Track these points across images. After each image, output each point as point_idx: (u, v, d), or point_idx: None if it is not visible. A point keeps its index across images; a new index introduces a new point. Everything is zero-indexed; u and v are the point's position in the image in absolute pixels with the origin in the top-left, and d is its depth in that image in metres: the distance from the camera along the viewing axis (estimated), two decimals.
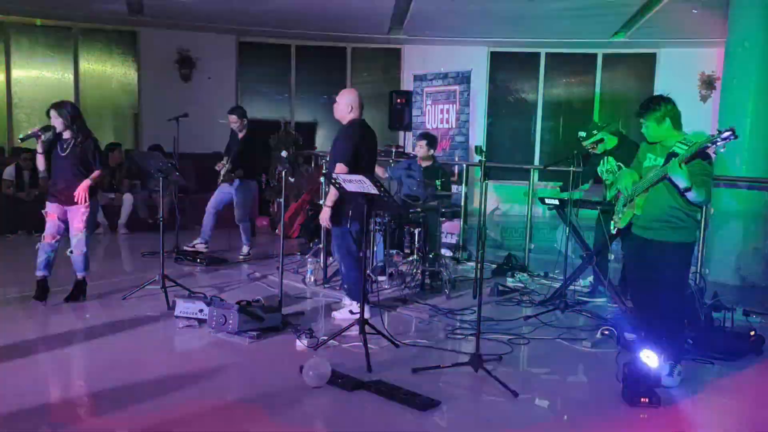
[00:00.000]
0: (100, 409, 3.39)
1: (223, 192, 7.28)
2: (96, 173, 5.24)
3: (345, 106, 4.96)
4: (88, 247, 5.27)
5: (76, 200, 5.14)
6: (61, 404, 3.50)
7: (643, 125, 3.89)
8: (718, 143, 3.44)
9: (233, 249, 7.52)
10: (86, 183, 5.16)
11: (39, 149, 5.19)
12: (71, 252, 5.24)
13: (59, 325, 4.73)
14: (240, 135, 7.34)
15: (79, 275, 5.36)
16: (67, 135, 5.19)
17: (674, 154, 3.63)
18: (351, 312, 4.93)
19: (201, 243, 7.34)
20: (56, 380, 3.84)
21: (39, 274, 5.24)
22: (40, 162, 5.26)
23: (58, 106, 5.21)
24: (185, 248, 7.26)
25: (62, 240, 5.29)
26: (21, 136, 5.27)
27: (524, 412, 3.51)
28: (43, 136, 5.15)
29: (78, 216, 5.19)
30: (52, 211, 5.24)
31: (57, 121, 5.16)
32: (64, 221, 5.25)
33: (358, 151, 4.81)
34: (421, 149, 6.80)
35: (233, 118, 7.33)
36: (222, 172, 7.24)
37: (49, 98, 5.20)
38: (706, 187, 3.65)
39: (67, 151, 5.18)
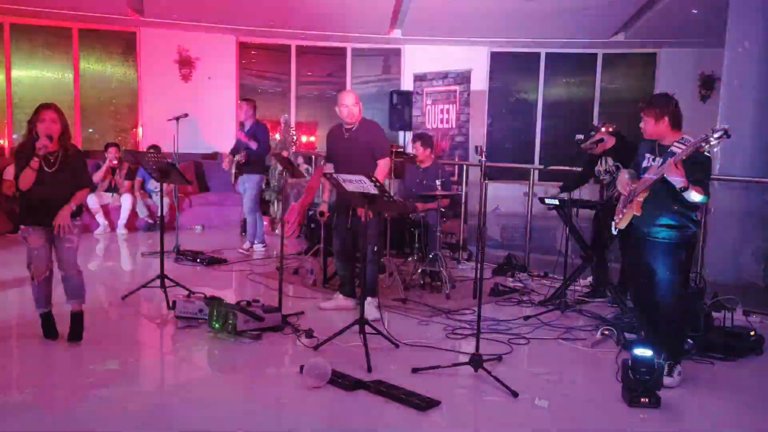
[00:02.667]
0: (100, 410, 3.39)
1: (245, 187, 7.43)
2: (84, 192, 4.32)
3: (358, 108, 5.12)
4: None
5: (57, 232, 4.13)
6: (61, 405, 3.50)
7: (642, 120, 3.91)
8: (711, 142, 3.46)
9: (233, 249, 7.52)
10: (67, 210, 4.14)
11: (34, 164, 4.06)
12: (66, 275, 4.29)
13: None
14: (247, 126, 7.47)
15: (76, 305, 4.34)
16: (53, 146, 4.15)
17: (672, 155, 3.64)
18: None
19: (258, 244, 7.54)
20: (55, 381, 3.84)
21: (41, 310, 4.38)
22: (30, 180, 4.09)
23: (55, 106, 4.19)
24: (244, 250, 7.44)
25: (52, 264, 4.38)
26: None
27: (524, 412, 3.51)
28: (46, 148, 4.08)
29: (70, 235, 4.23)
30: (36, 236, 4.23)
31: (54, 127, 4.12)
32: (50, 243, 4.27)
33: None
34: (417, 150, 6.81)
35: (245, 105, 7.55)
36: (233, 169, 7.38)
37: (49, 98, 4.55)
38: (704, 186, 3.65)
39: (56, 165, 4.16)
